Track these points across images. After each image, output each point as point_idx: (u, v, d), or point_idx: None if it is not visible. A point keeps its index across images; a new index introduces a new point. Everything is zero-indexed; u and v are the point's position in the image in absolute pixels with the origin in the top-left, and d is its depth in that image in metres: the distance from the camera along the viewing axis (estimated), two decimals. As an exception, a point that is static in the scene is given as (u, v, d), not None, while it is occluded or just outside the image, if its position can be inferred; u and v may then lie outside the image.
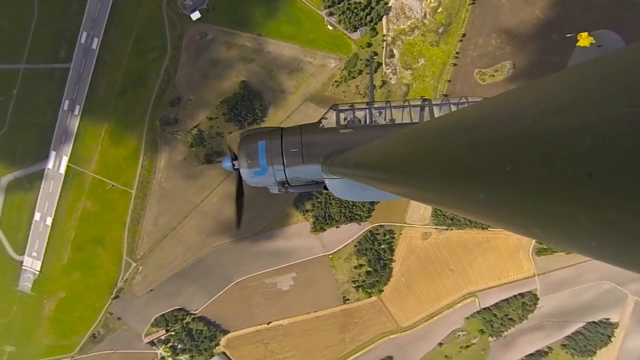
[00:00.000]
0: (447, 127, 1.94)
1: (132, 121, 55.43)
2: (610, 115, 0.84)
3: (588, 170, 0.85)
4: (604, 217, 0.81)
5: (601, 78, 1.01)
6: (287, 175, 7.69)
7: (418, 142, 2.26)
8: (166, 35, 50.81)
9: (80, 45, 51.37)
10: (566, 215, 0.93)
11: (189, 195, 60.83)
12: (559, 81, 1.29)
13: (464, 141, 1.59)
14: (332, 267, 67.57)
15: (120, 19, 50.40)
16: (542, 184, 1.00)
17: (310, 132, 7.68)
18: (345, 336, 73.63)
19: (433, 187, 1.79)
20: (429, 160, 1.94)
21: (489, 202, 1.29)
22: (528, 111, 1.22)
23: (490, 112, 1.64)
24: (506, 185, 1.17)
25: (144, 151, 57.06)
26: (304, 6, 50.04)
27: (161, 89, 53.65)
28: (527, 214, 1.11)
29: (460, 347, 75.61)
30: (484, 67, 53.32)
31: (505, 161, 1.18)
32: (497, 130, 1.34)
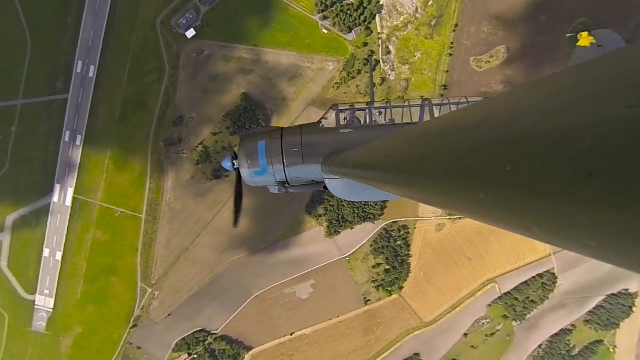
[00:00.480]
0: (447, 128, 1.93)
1: (136, 145, 54.89)
2: (610, 115, 0.85)
3: (588, 170, 0.85)
4: (604, 217, 0.81)
5: (601, 78, 1.02)
6: (287, 175, 7.69)
7: (418, 142, 2.27)
8: (163, 55, 50.71)
9: (76, 75, 50.97)
10: (566, 215, 0.92)
11: (199, 213, 60.12)
12: (559, 81, 1.28)
13: (464, 141, 1.58)
14: (350, 270, 67.01)
15: (115, 45, 50.22)
16: (542, 184, 1.00)
17: (310, 132, 7.71)
18: (370, 338, 72.77)
19: (433, 187, 1.79)
20: (429, 160, 1.94)
21: (489, 202, 1.29)
22: (528, 111, 1.22)
23: (490, 112, 1.62)
24: (506, 185, 1.17)
25: (151, 174, 56.43)
26: (297, 13, 50.47)
27: (162, 110, 53.33)
28: (527, 214, 1.10)
29: (486, 335, 75.19)
30: (479, 55, 54.14)
31: (505, 161, 1.17)
32: (497, 130, 1.34)
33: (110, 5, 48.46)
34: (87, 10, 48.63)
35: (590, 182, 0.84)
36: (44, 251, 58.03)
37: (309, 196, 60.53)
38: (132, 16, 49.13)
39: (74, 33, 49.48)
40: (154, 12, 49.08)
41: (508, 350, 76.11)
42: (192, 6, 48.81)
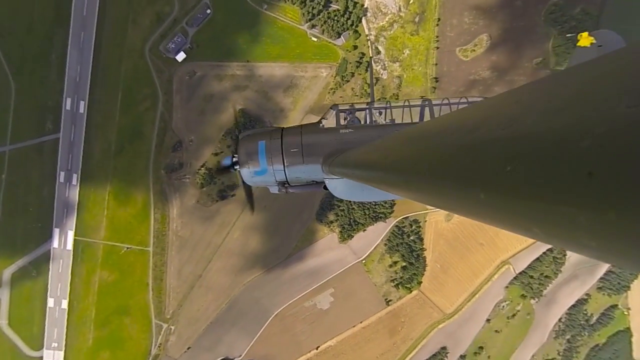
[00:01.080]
0: (447, 128, 1.93)
1: (136, 177, 53.18)
2: (610, 115, 0.85)
3: (588, 170, 0.85)
4: (604, 217, 0.81)
5: (601, 78, 1.02)
6: (287, 175, 7.67)
7: (418, 142, 2.27)
8: (155, 82, 49.86)
9: (66, 113, 49.30)
10: (566, 215, 0.92)
11: (209, 237, 58.44)
12: (559, 81, 1.29)
13: (464, 141, 1.58)
14: (367, 272, 66.35)
15: (104, 77, 49.05)
16: (542, 184, 1.00)
17: (310, 132, 7.70)
18: (396, 339, 71.78)
19: (433, 187, 1.79)
20: (429, 160, 1.94)
21: (489, 202, 1.29)
22: (528, 111, 1.22)
23: (490, 112, 1.64)
24: (506, 185, 1.17)
25: (154, 204, 54.64)
26: (284, 24, 50.95)
27: (160, 136, 52.12)
28: (527, 214, 1.10)
29: (507, 317, 75.59)
30: (463, 45, 56.00)
31: (505, 161, 1.17)
32: (497, 130, 1.34)
33: (95, 39, 47.47)
34: (71, 46, 47.43)
35: (590, 182, 0.84)
36: (48, 301, 54.71)
37: (318, 204, 60.04)
38: (119, 46, 48.26)
39: (59, 70, 48.04)
40: (141, 40, 48.40)
41: (530, 329, 76.63)
42: (180, 30, 48.48)
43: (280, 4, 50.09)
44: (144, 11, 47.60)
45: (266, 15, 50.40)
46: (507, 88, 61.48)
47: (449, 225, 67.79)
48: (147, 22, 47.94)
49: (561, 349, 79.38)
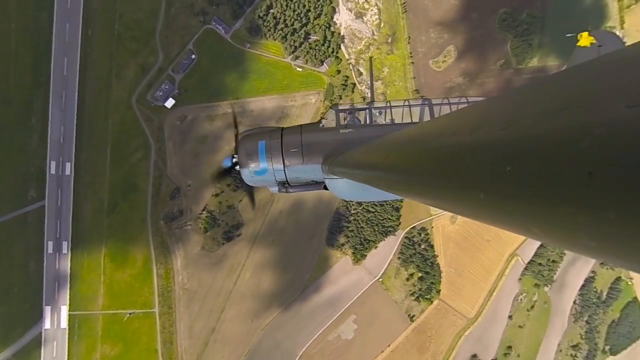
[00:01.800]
0: (447, 128, 1.97)
1: (133, 233, 49.78)
2: (610, 115, 0.85)
3: (588, 170, 0.85)
4: (604, 217, 0.81)
5: (601, 78, 1.05)
6: (287, 175, 7.68)
7: (418, 142, 2.30)
8: (145, 131, 48.56)
9: (51, 177, 46.19)
10: (566, 215, 0.93)
11: (218, 284, 54.77)
12: (559, 81, 1.33)
13: (464, 141, 1.61)
14: (386, 290, 64.50)
15: (90, 134, 47.12)
16: (542, 184, 1.01)
17: (310, 132, 7.74)
18: (427, 356, 68.82)
19: (433, 187, 1.81)
20: (429, 160, 1.97)
21: (489, 202, 1.31)
22: (528, 111, 1.25)
23: (490, 112, 1.68)
24: (506, 185, 1.18)
25: (156, 259, 50.95)
26: (269, 60, 52.57)
27: (155, 186, 49.87)
28: (527, 214, 1.12)
29: (527, 310, 75.58)
30: (435, 57, 60.38)
31: (505, 161, 1.19)
32: (497, 130, 1.36)
33: (77, 97, 46.08)
34: (52, 107, 45.60)
35: (590, 182, 0.84)
36: (42, 394, 47.54)
37: (326, 229, 58.84)
38: (104, 102, 47.09)
39: (41, 134, 45.62)
40: (127, 92, 47.64)
41: (550, 317, 76.78)
42: (166, 77, 48.43)
43: (262, 41, 51.97)
44: (127, 64, 47.35)
45: (250, 53, 51.87)
46: (479, 90, 66.26)
47: (454, 227, 68.61)
48: (132, 75, 47.55)
49: (582, 331, 79.65)
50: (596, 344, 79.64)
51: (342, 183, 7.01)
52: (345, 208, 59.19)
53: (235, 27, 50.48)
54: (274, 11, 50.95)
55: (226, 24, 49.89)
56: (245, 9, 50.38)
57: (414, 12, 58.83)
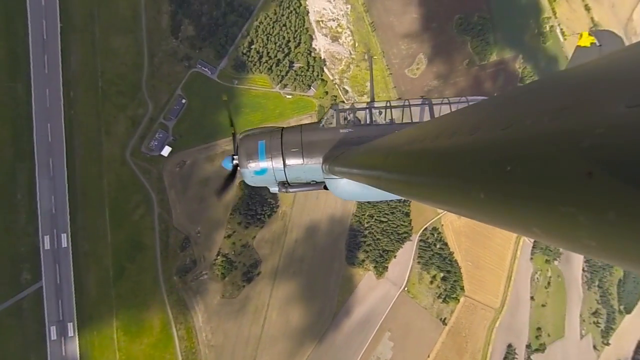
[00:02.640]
0: (447, 128, 1.99)
1: (146, 296, 45.55)
2: (610, 115, 0.86)
3: (588, 170, 0.85)
4: (604, 217, 0.82)
5: (601, 78, 1.07)
6: (287, 175, 7.64)
7: (418, 142, 2.30)
8: (144, 185, 46.06)
9: (46, 253, 41.79)
10: (566, 215, 0.94)
11: (245, 332, 50.78)
12: (559, 81, 1.34)
13: (464, 141, 1.62)
14: (413, 298, 63.22)
15: (84, 199, 43.81)
16: (542, 184, 1.02)
17: (310, 132, 7.74)
18: (466, 357, 67.09)
19: (433, 187, 1.82)
20: (429, 160, 1.99)
21: (489, 202, 1.31)
22: (528, 112, 1.25)
23: (490, 112, 1.71)
24: (506, 185, 1.19)
25: (175, 320, 46.63)
26: (258, 92, 53.10)
27: (163, 240, 46.69)
28: (527, 214, 1.12)
29: (545, 288, 77.27)
30: (408, 66, 64.36)
31: (505, 161, 1.20)
32: (497, 130, 1.38)
33: (66, 162, 43.15)
34: (39, 178, 42.18)
35: (590, 182, 0.84)
36: None
37: (344, 248, 57.52)
38: (96, 162, 44.46)
39: (28, 209, 41.66)
40: (120, 148, 45.48)
41: (566, 290, 78.86)
42: (159, 126, 47.04)
43: (248, 76, 52.65)
44: (116, 119, 45.61)
45: (239, 89, 52.18)
46: (453, 90, 70.94)
47: (461, 221, 69.99)
48: (122, 129, 45.72)
49: (597, 297, 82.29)
50: (612, 306, 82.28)
51: (342, 183, 6.96)
52: (358, 223, 58.67)
53: (220, 66, 50.90)
54: (255, 46, 52.26)
55: (211, 64, 50.21)
56: (228, 48, 51.23)
57: (382, 29, 63.03)
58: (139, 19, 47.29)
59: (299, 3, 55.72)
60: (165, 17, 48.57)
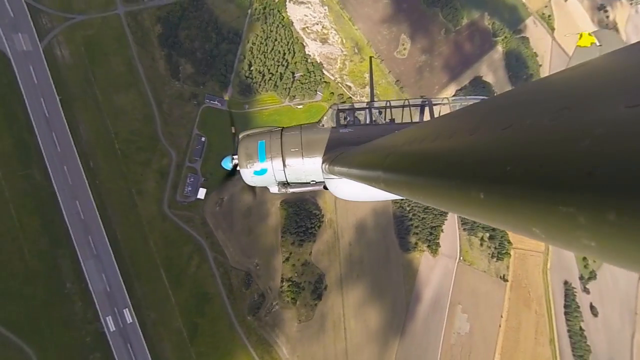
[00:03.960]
0: (447, 128, 2.01)
1: (227, 346, 43.15)
2: (610, 115, 0.86)
3: (588, 170, 0.85)
4: (604, 217, 0.81)
5: (601, 78, 1.08)
6: (287, 175, 7.59)
7: (418, 142, 2.32)
8: (191, 234, 44.01)
9: (113, 335, 38.82)
10: (566, 215, 0.93)
11: (330, 350, 49.06)
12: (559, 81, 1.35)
13: (464, 141, 1.63)
14: (471, 265, 63.55)
15: (136, 265, 41.24)
16: (542, 184, 1.02)
17: (310, 132, 7.72)
18: (534, 307, 67.93)
19: (433, 187, 1.82)
20: (428, 160, 2.00)
21: (489, 202, 1.30)
22: (527, 111, 1.27)
23: (490, 112, 1.72)
24: (506, 185, 1.18)
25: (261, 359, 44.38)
26: (270, 110, 52.55)
27: (226, 284, 44.62)
28: (527, 214, 1.11)
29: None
30: (395, 49, 66.02)
31: (505, 161, 1.20)
32: (497, 130, 1.38)
33: (107, 235, 40.54)
34: (82, 259, 39.31)
35: (590, 182, 0.84)
36: None
37: (395, 236, 57.16)
38: (136, 226, 42.09)
39: (81, 294, 38.62)
40: (156, 204, 43.36)
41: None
42: (187, 170, 45.30)
43: (257, 97, 52.03)
44: (144, 177, 43.55)
45: (251, 113, 51.43)
46: (441, 60, 73.26)
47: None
48: (153, 185, 43.70)
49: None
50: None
51: (342, 183, 6.91)
52: (400, 208, 58.66)
53: (228, 95, 50.05)
54: (255, 67, 51.84)
55: (218, 96, 49.28)
56: (230, 76, 50.50)
57: (361, 20, 64.43)
58: (135, 71, 45.78)
59: (281, 16, 56.00)
60: (161, 62, 47.30)
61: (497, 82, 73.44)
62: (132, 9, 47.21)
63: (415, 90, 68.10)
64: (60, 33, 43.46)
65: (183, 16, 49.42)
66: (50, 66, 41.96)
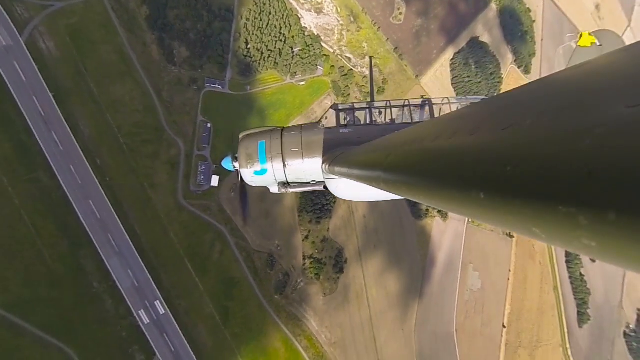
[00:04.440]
0: (447, 128, 2.01)
1: (259, 325, 44.49)
2: (610, 115, 0.87)
3: (588, 170, 0.86)
4: (604, 217, 0.82)
5: (601, 78, 1.07)
6: (287, 175, 7.60)
7: (418, 142, 2.32)
8: (210, 222, 43.82)
9: (149, 327, 39.42)
10: (566, 215, 0.93)
11: (357, 318, 51.20)
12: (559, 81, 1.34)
13: (464, 141, 1.63)
14: (479, 226, 65.83)
15: (160, 258, 41.23)
16: (542, 184, 1.02)
17: (310, 132, 7.70)
18: (538, 257, 71.52)
19: (433, 187, 1.82)
20: (429, 160, 2.00)
21: (489, 202, 1.31)
22: (528, 111, 1.26)
23: (490, 112, 1.73)
24: (506, 185, 1.18)
25: (293, 334, 46.27)
26: (273, 89, 51.00)
27: (251, 267, 45.21)
28: (527, 214, 1.10)
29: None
30: (391, 14, 63.79)
31: (505, 161, 1.19)
32: (497, 130, 1.38)
33: (126, 232, 39.94)
34: (106, 258, 38.94)
35: (590, 182, 0.85)
36: None
37: (407, 205, 58.24)
38: (155, 219, 41.57)
39: (111, 292, 38.65)
40: (171, 196, 42.64)
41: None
42: (197, 159, 44.27)
43: (257, 77, 50.19)
44: (154, 170, 42.43)
45: (254, 93, 49.86)
46: (437, 23, 71.33)
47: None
48: (165, 176, 42.71)
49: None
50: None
51: (342, 183, 6.93)
52: (409, 178, 59.34)
53: (227, 77, 48.13)
54: (252, 44, 49.57)
55: (219, 79, 47.29)
56: (227, 57, 48.23)
57: (354, -14, 61.52)
58: (128, 58, 43.17)
59: (272, -13, 52.92)
60: (153, 47, 44.59)
61: (493, 42, 72.42)
62: (114, -10, 43.70)
63: (414, 57, 66.71)
64: (40, 24, 40.16)
65: (170, -6, 46.07)
66: (36, 61, 39.11)
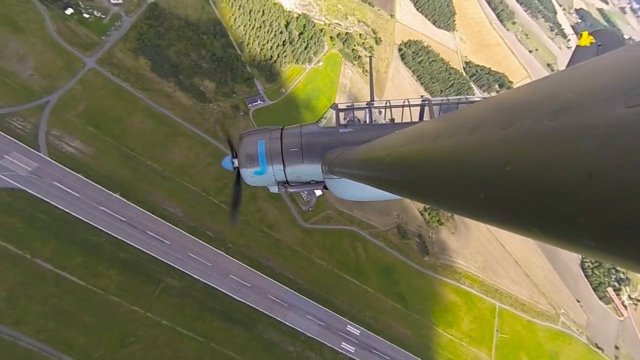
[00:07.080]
0: (447, 128, 1.97)
1: (429, 291, 44.22)
2: (610, 115, 0.86)
3: (588, 171, 0.86)
4: (604, 217, 0.82)
5: (601, 78, 1.06)
6: (287, 175, 7.59)
7: (418, 142, 2.27)
8: (337, 228, 41.30)
9: (357, 353, 36.56)
10: (566, 215, 0.93)
11: (481, 237, 53.51)
12: (559, 81, 1.33)
13: (464, 141, 1.61)
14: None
15: (321, 288, 38.04)
16: (542, 184, 1.02)
17: (310, 132, 7.69)
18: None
19: (433, 187, 1.80)
20: (428, 160, 1.97)
21: (489, 202, 1.30)
22: (528, 111, 1.26)
23: (489, 112, 1.70)
24: (506, 185, 1.18)
25: (457, 280, 46.97)
26: (305, 83, 49.21)
27: (391, 246, 44.11)
28: (527, 215, 1.11)
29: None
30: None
31: (505, 161, 1.20)
32: (497, 130, 1.37)
33: (280, 284, 35.62)
34: (289, 322, 34.55)
35: (590, 182, 0.85)
36: None
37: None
38: (295, 257, 37.83)
39: (307, 343, 34.69)
40: (292, 226, 39.04)
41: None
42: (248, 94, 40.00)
43: (283, 77, 47.34)
44: (262, 211, 38.34)
45: (289, 95, 47.88)
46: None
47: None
48: (275, 211, 38.77)
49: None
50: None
51: (342, 183, 6.96)
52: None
53: (260, 90, 44.62)
54: (263, 46, 45.73)
55: (255, 95, 43.36)
56: (247, 70, 43.96)
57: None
58: (163, 117, 36.90)
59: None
60: (179, 94, 38.78)
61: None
62: (101, 55, 36.22)
63: (380, 0, 67.43)
64: (49, 127, 31.95)
65: (156, 34, 39.57)
66: (75, 169, 31.34)
